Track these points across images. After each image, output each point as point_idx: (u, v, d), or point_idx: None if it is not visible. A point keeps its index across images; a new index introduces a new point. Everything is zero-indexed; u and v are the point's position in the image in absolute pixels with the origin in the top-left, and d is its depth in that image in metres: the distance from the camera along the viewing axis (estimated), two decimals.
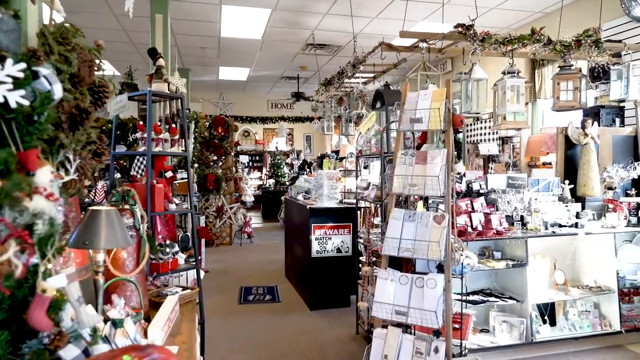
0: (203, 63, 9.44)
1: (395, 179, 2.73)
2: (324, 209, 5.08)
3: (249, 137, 15.73)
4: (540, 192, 4.41)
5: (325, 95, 6.42)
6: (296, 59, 9.07)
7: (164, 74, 3.06)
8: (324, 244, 5.12)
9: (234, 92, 13.37)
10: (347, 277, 5.20)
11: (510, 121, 4.57)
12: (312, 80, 10.99)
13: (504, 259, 4.04)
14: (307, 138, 16.27)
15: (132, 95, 3.04)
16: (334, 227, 5.14)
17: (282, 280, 6.38)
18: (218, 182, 8.95)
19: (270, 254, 8.12)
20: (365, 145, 4.01)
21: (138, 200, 2.08)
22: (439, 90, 2.76)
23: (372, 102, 4.17)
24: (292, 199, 6.10)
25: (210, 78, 11.11)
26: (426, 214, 2.68)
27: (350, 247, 5.20)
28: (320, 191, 5.08)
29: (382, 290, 2.68)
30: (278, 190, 12.95)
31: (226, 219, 9.12)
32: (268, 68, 9.98)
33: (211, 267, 7.14)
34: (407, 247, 2.60)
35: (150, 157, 2.83)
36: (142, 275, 2.07)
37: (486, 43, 4.01)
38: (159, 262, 2.91)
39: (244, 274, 6.76)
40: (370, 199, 3.87)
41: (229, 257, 8.00)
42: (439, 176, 2.57)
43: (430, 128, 2.66)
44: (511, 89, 4.11)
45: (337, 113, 6.21)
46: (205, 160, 8.98)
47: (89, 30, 7.05)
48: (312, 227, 5.07)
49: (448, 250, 2.60)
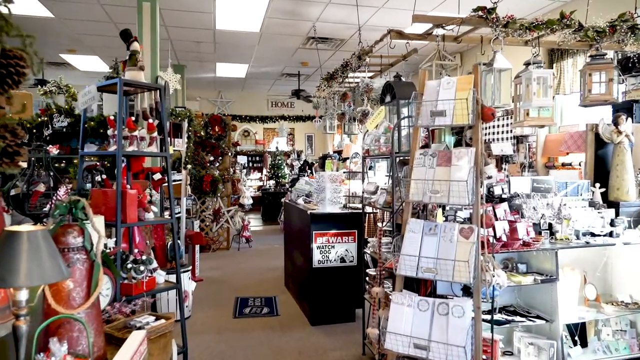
0: (199, 59, 9.00)
1: (412, 184, 2.27)
2: (326, 215, 4.62)
3: (248, 137, 15.30)
4: (568, 197, 3.95)
5: (328, 91, 5.96)
6: (297, 54, 8.61)
7: (139, 60, 2.60)
8: (326, 253, 4.67)
9: (233, 90, 12.92)
10: (352, 289, 4.74)
11: (534, 117, 4.09)
12: (313, 78, 10.52)
13: (530, 273, 3.58)
14: (309, 138, 15.83)
15: (101, 86, 2.59)
16: (338, 235, 4.68)
17: (282, 290, 5.92)
18: (215, 184, 8.52)
19: (269, 260, 7.67)
20: (373, 144, 3.55)
21: (90, 213, 1.63)
22: (465, 77, 2.30)
23: (381, 96, 3.71)
24: (292, 203, 5.64)
25: (208, 75, 10.66)
26: (450, 227, 2.22)
27: (355, 257, 4.74)
28: (322, 195, 4.62)
29: (397, 318, 2.23)
30: (279, 192, 12.51)
31: (223, 222, 8.68)
32: (267, 64, 9.52)
33: (206, 274, 6.69)
34: (428, 266, 2.14)
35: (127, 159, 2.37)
36: (94, 310, 1.62)
37: (510, 29, 3.55)
38: (131, 283, 2.45)
39: (241, 282, 6.31)
40: (380, 205, 3.41)
41: (226, 263, 7.55)
42: (467, 181, 2.11)
43: (455, 123, 2.21)
44: (537, 81, 3.64)
45: (340, 110, 5.74)
46: (201, 161, 8.55)
47: (74, 22, 6.61)
48: (313, 234, 4.61)
49: (478, 271, 2.14)
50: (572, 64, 5.95)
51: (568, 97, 6.29)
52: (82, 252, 1.61)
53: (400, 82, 3.50)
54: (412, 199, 2.28)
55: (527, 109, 4.07)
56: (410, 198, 2.28)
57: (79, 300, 1.57)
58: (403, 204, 2.69)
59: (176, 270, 2.71)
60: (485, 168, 2.27)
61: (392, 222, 3.22)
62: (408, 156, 3.57)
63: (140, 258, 2.62)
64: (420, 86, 2.43)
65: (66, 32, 7.12)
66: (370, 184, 3.78)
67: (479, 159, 2.23)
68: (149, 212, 2.59)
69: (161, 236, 4.94)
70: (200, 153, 8.56)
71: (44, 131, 4.86)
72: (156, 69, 5.08)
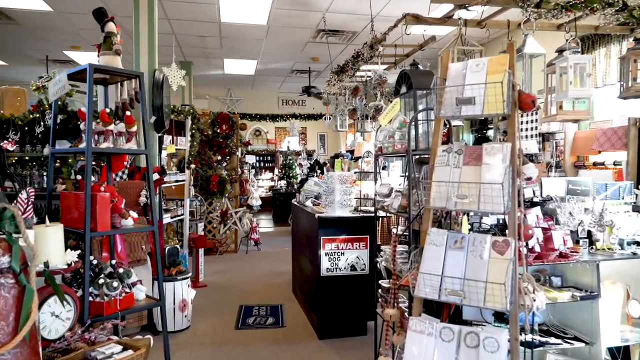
0: (206, 55, 8.68)
1: (434, 186, 1.87)
2: (335, 219, 4.24)
3: (260, 137, 15.01)
4: (608, 200, 3.49)
5: (338, 85, 5.57)
6: (307, 49, 8.24)
7: (114, 43, 2.25)
8: (335, 261, 4.28)
9: (242, 88, 12.62)
10: (364, 300, 4.34)
11: (568, 111, 3.64)
12: (324, 74, 10.14)
13: (565, 287, 3.14)
14: (321, 137, 15.47)
15: (72, 73, 2.24)
16: (348, 241, 4.29)
17: (289, 297, 5.55)
18: (222, 185, 8.21)
19: (277, 264, 7.32)
20: (387, 141, 3.16)
21: (22, 225, 1.27)
22: (498, 57, 1.90)
23: (395, 87, 3.31)
24: (300, 205, 5.27)
25: (216, 72, 10.35)
26: (480, 239, 1.82)
27: (367, 265, 4.35)
28: (332, 197, 4.24)
29: (414, 350, 1.83)
30: (290, 192, 12.17)
31: (231, 224, 8.35)
32: (276, 60, 9.17)
33: (210, 279, 6.36)
34: (454, 288, 1.74)
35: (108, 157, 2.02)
36: (27, 349, 1.26)
37: (542, 9, 3.12)
38: (103, 301, 2.09)
39: (247, 288, 5.96)
40: (394, 209, 3.01)
41: (232, 267, 7.21)
42: (504, 183, 1.71)
43: (487, 112, 1.80)
44: (574, 68, 3.20)
45: (351, 106, 5.35)
46: (208, 161, 8.24)
47: (73, 16, 6.34)
48: (321, 240, 4.23)
49: (515, 294, 1.73)
50: (605, 54, 5.45)
51: (600, 90, 5.79)
52: (9, 275, 1.25)
53: (417, 70, 3.10)
54: (434, 205, 1.88)
55: (560, 101, 3.63)
56: (431, 204, 1.89)
57: (1, 337, 1.21)
58: (422, 210, 2.30)
59: (159, 286, 2.35)
60: (524, 168, 1.86)
61: (409, 231, 2.82)
62: (426, 154, 3.17)
63: (116, 271, 2.27)
64: (442, 70, 2.03)
65: (67, 28, 6.86)
66: (384, 186, 3.38)
67: (515, 157, 1.83)
68: (126, 218, 2.24)
69: (160, 240, 4.61)
70: (207, 152, 8.26)
71: (36, 128, 4.57)
72: (154, 63, 4.76)
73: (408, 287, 2.09)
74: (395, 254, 2.44)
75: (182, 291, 4.45)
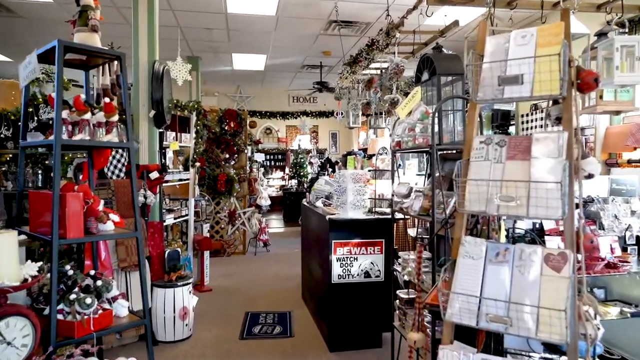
0: (213, 49, 8.39)
1: (470, 186, 1.51)
2: (348, 222, 3.88)
3: (270, 135, 14.73)
4: None
5: (351, 78, 5.22)
6: (318, 42, 7.89)
7: (90, 18, 1.93)
8: (347, 267, 3.93)
9: (252, 84, 12.32)
10: (379, 309, 3.99)
11: (609, 101, 3.23)
12: (336, 69, 9.78)
13: (611, 302, 2.76)
14: (333, 135, 15.12)
15: (42, 53, 1.93)
16: (362, 245, 3.94)
17: (298, 303, 5.22)
18: (230, 184, 7.92)
19: (287, 267, 6.99)
20: (406, 135, 2.80)
21: None
22: (550, 26, 1.53)
23: (416, 75, 2.95)
24: (310, 206, 4.93)
25: (225, 68, 10.06)
26: (529, 252, 1.45)
27: (382, 271, 3.99)
28: (344, 197, 3.89)
29: None
30: (301, 192, 11.86)
31: (239, 225, 8.05)
32: (287, 54, 8.84)
33: (216, 283, 6.06)
34: (497, 314, 1.38)
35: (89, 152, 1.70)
36: None
37: None
38: (74, 321, 1.78)
39: (254, 292, 5.64)
40: (414, 211, 2.65)
41: (240, 270, 6.90)
42: (562, 182, 1.35)
43: (538, 93, 1.44)
44: (620, 51, 2.79)
45: (365, 99, 4.99)
46: (215, 159, 7.95)
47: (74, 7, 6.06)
48: (332, 244, 3.89)
49: (574, 321, 1.37)
50: None
51: None
52: None
53: (441, 54, 2.73)
54: (470, 209, 1.52)
55: (600, 90, 3.22)
56: (466, 207, 1.53)
57: None
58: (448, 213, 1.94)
59: (143, 301, 2.02)
60: (584, 162, 1.49)
61: (430, 234, 2.46)
62: (452, 149, 2.80)
63: (93, 284, 1.95)
64: (478, 44, 1.67)
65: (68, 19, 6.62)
66: (402, 185, 3.02)
67: (572, 149, 1.46)
68: (104, 221, 1.92)
69: (159, 243, 4.32)
70: (215, 150, 7.97)
71: (29, 123, 4.30)
72: (154, 53, 4.45)
73: (436, 307, 1.73)
74: (420, 267, 2.08)
75: (182, 298, 4.14)
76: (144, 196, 4.04)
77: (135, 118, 4.37)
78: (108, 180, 3.91)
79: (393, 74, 3.79)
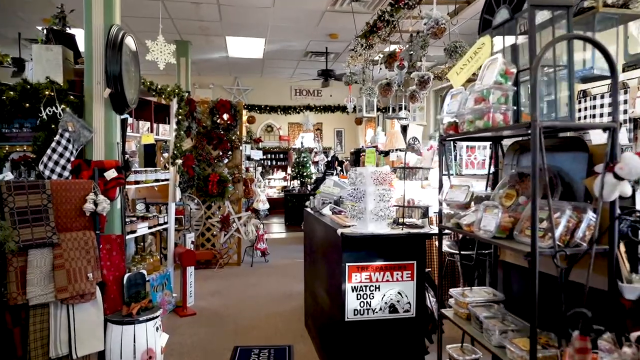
0: (204, 31, 7.38)
1: None
2: (368, 238, 2.85)
3: (272, 133, 13.75)
4: None
5: (366, 55, 4.19)
6: (324, 22, 6.86)
7: None
8: (367, 298, 2.90)
9: (251, 75, 11.31)
10: (408, 354, 2.96)
11: None
12: (344, 57, 8.75)
13: None
14: (338, 133, 14.11)
15: None
16: (385, 269, 2.91)
17: (300, 333, 4.20)
18: (222, 185, 6.92)
19: (288, 281, 5.98)
20: (468, 111, 1.76)
21: None
22: None
23: (483, 18, 1.92)
24: (315, 213, 3.90)
25: (219, 55, 9.06)
26: None
27: (413, 304, 2.96)
28: (362, 204, 2.86)
29: None
30: (304, 193, 10.85)
31: (233, 231, 7.04)
32: (288, 38, 7.82)
33: (203, 304, 5.04)
34: None
35: None
36: None
37: None
38: None
39: (246, 317, 4.63)
40: (487, 231, 1.62)
41: (233, 285, 5.89)
42: None
43: None
44: None
45: (385, 79, 3.95)
46: (206, 157, 6.95)
47: None
48: (346, 268, 2.86)
49: None
50: None
51: None
52: None
53: None
54: None
55: None
56: None
57: None
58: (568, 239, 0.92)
59: None
60: None
61: (532, 276, 1.42)
62: (565, 128, 1.77)
63: None
64: None
65: None
66: (457, 190, 1.99)
67: None
68: None
69: (117, 264, 3.30)
70: (206, 147, 6.97)
71: None
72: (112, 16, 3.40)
73: None
74: None
75: (146, 337, 3.12)
76: (94, 202, 3.03)
77: (88, 100, 3.36)
78: (42, 181, 2.89)
79: (430, 35, 2.76)
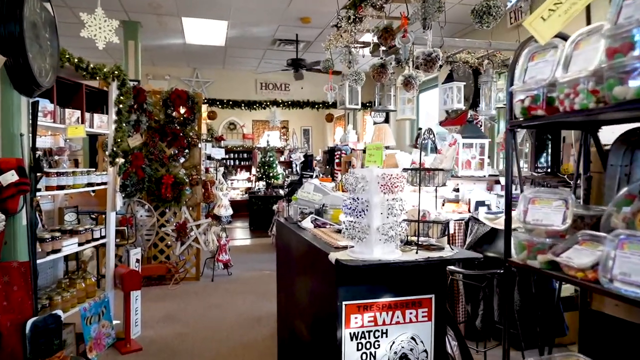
0: (156, 10, 6.39)
1: None
2: (373, 267, 2.06)
3: (235, 131, 12.79)
4: None
5: (352, 30, 3.41)
6: (295, 3, 6.05)
7: None
8: (370, 348, 2.12)
9: (212, 66, 10.31)
10: None
11: None
12: (316, 46, 7.96)
13: None
14: (305, 132, 13.32)
15: None
16: (394, 307, 2.14)
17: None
18: (178, 188, 5.98)
19: (256, 299, 5.15)
20: (566, 80, 1.00)
21: None
22: None
23: None
24: (292, 227, 3.07)
25: (175, 42, 8.06)
26: None
27: (431, 352, 2.20)
28: (364, 220, 2.07)
29: None
30: (270, 195, 10.01)
31: (191, 242, 6.11)
32: (254, 21, 6.94)
33: (150, 334, 4.12)
34: None
35: None
36: None
37: None
38: None
39: (206, 351, 3.75)
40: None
41: (190, 306, 4.98)
42: None
43: None
44: None
45: (380, 58, 3.19)
46: (159, 155, 5.99)
47: None
48: (342, 308, 2.07)
49: None
50: None
51: None
52: None
53: None
54: None
55: None
56: None
57: None
58: None
59: None
60: None
61: None
62: None
63: None
64: None
65: None
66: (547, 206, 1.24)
67: None
68: None
69: (19, 303, 2.35)
70: (158, 144, 6.00)
71: None
72: None
73: None
74: None
75: None
76: None
77: None
78: None
79: None
